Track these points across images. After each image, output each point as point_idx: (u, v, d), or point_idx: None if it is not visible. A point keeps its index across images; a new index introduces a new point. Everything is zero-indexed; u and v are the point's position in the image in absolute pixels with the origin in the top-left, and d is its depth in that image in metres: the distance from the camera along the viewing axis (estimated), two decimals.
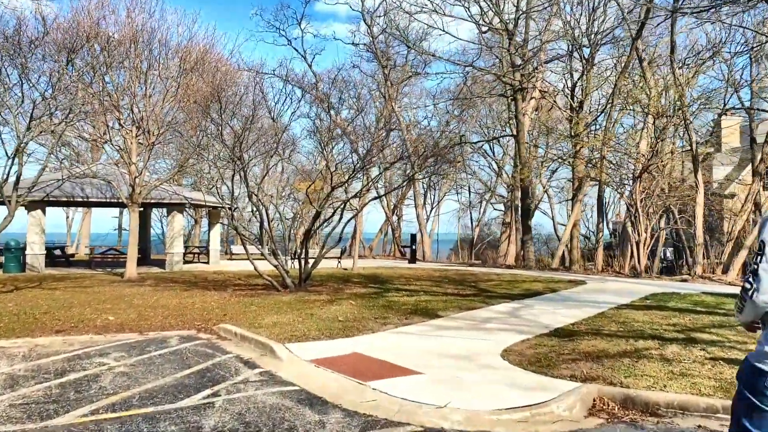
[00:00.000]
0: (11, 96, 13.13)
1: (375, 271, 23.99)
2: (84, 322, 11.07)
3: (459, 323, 10.77)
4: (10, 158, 13.31)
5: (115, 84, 18.34)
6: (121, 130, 19.92)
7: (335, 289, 16.66)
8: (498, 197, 48.35)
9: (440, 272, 23.91)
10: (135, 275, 20.13)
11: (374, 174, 25.92)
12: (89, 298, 14.36)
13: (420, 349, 8.47)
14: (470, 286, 18.00)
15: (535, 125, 36.02)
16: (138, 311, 12.44)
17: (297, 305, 13.23)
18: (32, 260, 22.26)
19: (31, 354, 8.52)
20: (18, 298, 14.26)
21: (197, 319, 11.53)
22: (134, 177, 19.71)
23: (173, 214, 24.99)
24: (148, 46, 18.41)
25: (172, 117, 19.51)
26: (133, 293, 15.60)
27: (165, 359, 8.24)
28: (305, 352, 8.34)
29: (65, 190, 22.83)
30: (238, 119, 15.71)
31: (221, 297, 14.97)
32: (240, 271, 23.82)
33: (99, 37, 16.23)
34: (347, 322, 10.74)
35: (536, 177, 38.54)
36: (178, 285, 17.97)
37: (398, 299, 14.16)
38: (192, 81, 18.80)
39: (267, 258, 16.51)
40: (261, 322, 10.93)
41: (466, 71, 28.90)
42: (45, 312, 12.02)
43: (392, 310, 12.37)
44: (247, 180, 15.76)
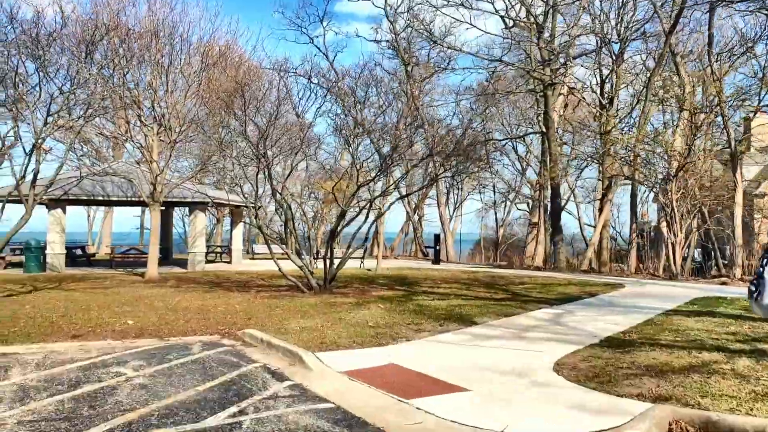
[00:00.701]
0: (28, 90, 12.65)
1: (400, 273, 23.32)
2: (102, 326, 10.53)
3: (499, 331, 10.05)
4: (28, 155, 12.83)
5: (135, 79, 17.88)
6: (142, 127, 19.46)
7: (361, 291, 16.02)
8: (522, 197, 47.43)
9: (468, 274, 23.17)
10: (156, 275, 19.67)
11: (397, 173, 25.37)
12: (108, 300, 13.87)
13: (462, 361, 7.77)
14: (502, 289, 17.25)
15: (561, 123, 35.12)
16: (158, 314, 11.89)
17: (323, 308, 12.60)
18: (52, 260, 21.92)
19: (45, 362, 7.97)
20: (36, 299, 13.81)
21: (221, 323, 10.94)
22: (156, 175, 19.25)
23: (195, 213, 24.54)
24: (169, 40, 17.92)
25: (194, 114, 19.00)
26: (154, 295, 15.10)
27: (187, 369, 7.64)
28: (337, 362, 7.69)
29: (86, 189, 22.47)
30: (262, 115, 15.13)
31: (245, 299, 14.40)
32: (263, 271, 23.29)
33: (119, 29, 15.75)
34: (378, 329, 10.07)
35: (562, 176, 37.62)
36: (200, 286, 17.45)
37: (429, 303, 13.47)
38: (214, 76, 18.28)
39: (291, 258, 15.92)
40: (287, 326, 10.32)
41: (493, 66, 28.09)
42: (62, 315, 11.51)
43: (424, 315, 11.69)
44: (271, 178, 15.16)
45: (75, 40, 14.49)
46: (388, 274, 22.55)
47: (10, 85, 12.15)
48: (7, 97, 12.14)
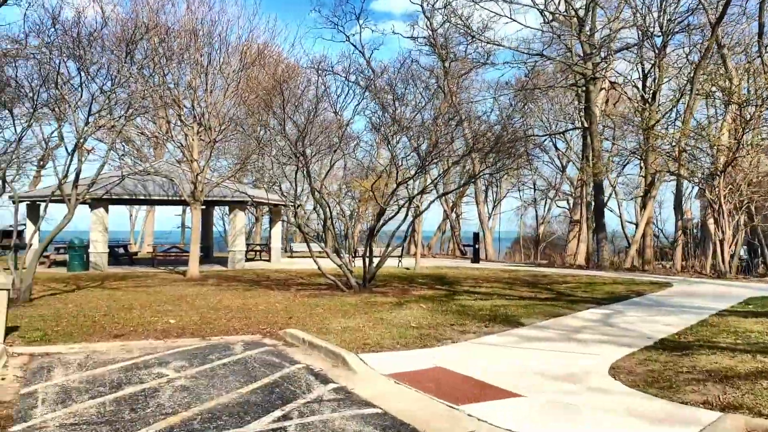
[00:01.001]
0: (70, 90, 12.73)
1: (439, 271, 23.01)
2: (144, 325, 10.50)
3: (547, 333, 9.69)
4: (70, 155, 12.93)
5: (175, 79, 17.95)
6: (183, 126, 19.55)
7: (401, 291, 15.78)
8: (561, 194, 46.57)
9: (509, 273, 22.73)
10: (197, 274, 19.75)
11: (434, 172, 25.02)
12: (150, 299, 13.90)
13: (511, 365, 7.47)
14: (546, 288, 16.82)
15: (602, 118, 34.26)
16: (200, 313, 11.84)
17: (364, 308, 12.39)
18: (95, 259, 22.20)
19: (88, 362, 7.92)
20: (79, 298, 13.92)
21: (262, 323, 10.82)
22: (196, 174, 19.31)
23: (235, 212, 24.62)
24: (208, 39, 17.94)
25: (233, 113, 19.00)
26: (195, 293, 15.10)
27: (229, 370, 7.50)
28: (381, 364, 7.46)
29: (127, 188, 22.71)
30: (301, 113, 15.00)
31: (285, 297, 14.30)
32: (302, 269, 23.24)
33: (158, 28, 15.79)
34: (422, 329, 9.81)
35: (604, 172, 36.72)
36: (240, 284, 17.44)
37: (472, 303, 13.15)
38: (253, 74, 18.23)
39: (330, 256, 15.77)
40: (329, 326, 10.13)
41: (534, 61, 27.55)
42: (104, 314, 11.54)
43: (468, 315, 11.38)
44: (310, 176, 15.02)
45: (115, 39, 14.58)
46: (427, 273, 22.26)
47: (53, 85, 12.23)
48: (49, 97, 12.24)
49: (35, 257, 13.16)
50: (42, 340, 9.11)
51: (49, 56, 12.18)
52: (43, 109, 14.38)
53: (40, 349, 8.61)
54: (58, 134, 13.65)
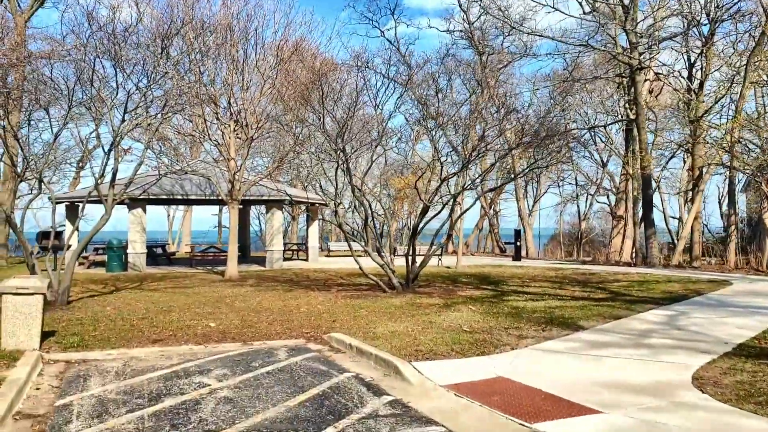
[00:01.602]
0: (105, 88, 12.43)
1: (481, 270, 22.30)
2: (183, 329, 10.10)
3: (612, 337, 8.98)
4: (106, 154, 12.62)
5: (211, 76, 17.60)
6: (219, 124, 19.23)
7: (446, 291, 15.17)
8: (602, 189, 45.27)
9: (554, 271, 21.91)
10: (236, 274, 19.42)
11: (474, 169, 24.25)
12: (189, 301, 13.56)
13: (580, 375, 6.81)
14: (598, 288, 16.01)
15: (645, 110, 32.98)
16: (240, 316, 11.42)
17: (410, 310, 11.82)
18: (134, 259, 22.07)
19: (126, 370, 7.51)
20: (117, 300, 13.64)
21: (305, 326, 10.34)
22: (233, 173, 18.97)
23: (272, 210, 24.29)
24: (244, 35, 17.57)
25: (270, 110, 18.59)
26: (235, 294, 14.73)
27: (274, 379, 7.00)
28: (438, 373, 6.88)
29: (165, 188, 22.54)
30: (340, 108, 14.50)
31: (326, 298, 13.81)
32: (340, 268, 22.79)
33: (193, 22, 15.45)
34: (476, 334, 9.19)
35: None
36: (280, 284, 17.03)
37: (524, 304, 12.46)
38: (291, 68, 17.80)
39: (371, 256, 15.24)
40: (375, 330, 9.59)
41: (577, 51, 26.59)
42: (142, 317, 11.19)
43: (522, 318, 10.72)
44: (350, 173, 14.50)
45: (150, 35, 14.27)
46: (469, 272, 21.59)
47: (88, 83, 11.94)
48: (84, 95, 11.97)
49: (73, 258, 12.90)
50: (79, 346, 8.75)
51: (84, 53, 11.89)
52: (79, 109, 14.11)
53: (76, 355, 8.25)
54: (95, 134, 13.43)
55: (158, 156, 19.43)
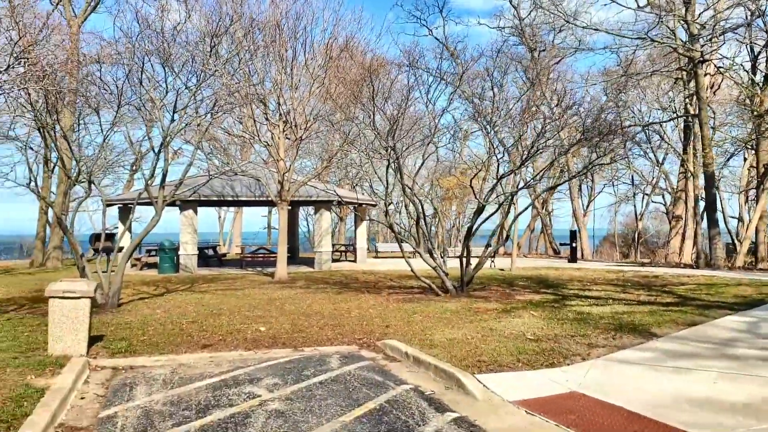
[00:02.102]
0: (155, 88, 12.25)
1: (537, 273, 21.50)
2: (233, 333, 9.77)
3: (690, 347, 8.24)
4: (156, 154, 12.45)
5: (260, 76, 17.36)
6: (268, 125, 19.01)
7: (503, 295, 14.52)
8: (658, 188, 43.59)
9: (614, 273, 20.95)
10: (285, 276, 19.17)
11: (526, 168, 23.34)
12: (239, 303, 13.28)
13: (664, 390, 6.15)
14: (664, 291, 15.10)
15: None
16: (291, 320, 11.05)
17: (467, 315, 11.25)
18: (185, 260, 22.08)
19: (173, 378, 7.18)
20: (167, 302, 13.47)
21: (357, 331, 9.88)
22: (283, 173, 18.72)
23: (321, 211, 24.00)
24: (293, 33, 17.28)
25: (319, 109, 18.24)
26: (285, 297, 14.41)
27: (327, 390, 6.56)
28: (505, 387, 6.32)
29: (215, 189, 22.49)
30: (390, 105, 14.04)
31: (377, 302, 13.35)
32: (390, 270, 22.32)
33: (242, 19, 15.21)
34: (541, 342, 8.57)
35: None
36: (329, 287, 16.67)
37: (588, 310, 11.73)
38: (341, 64, 17.43)
39: (423, 257, 14.71)
40: (432, 337, 9.06)
41: (635, 45, 25.48)
42: (192, 321, 10.93)
43: (589, 324, 10.03)
44: (401, 171, 14.01)
45: (199, 33, 14.10)
46: (525, 274, 20.83)
47: (137, 82, 11.80)
48: (133, 93, 11.83)
49: (123, 261, 12.78)
50: (127, 351, 8.50)
51: (133, 53, 11.74)
52: (131, 112, 14.00)
53: (124, 361, 7.98)
54: (146, 136, 13.31)
55: (208, 157, 19.31)
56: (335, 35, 18.03)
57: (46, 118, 11.44)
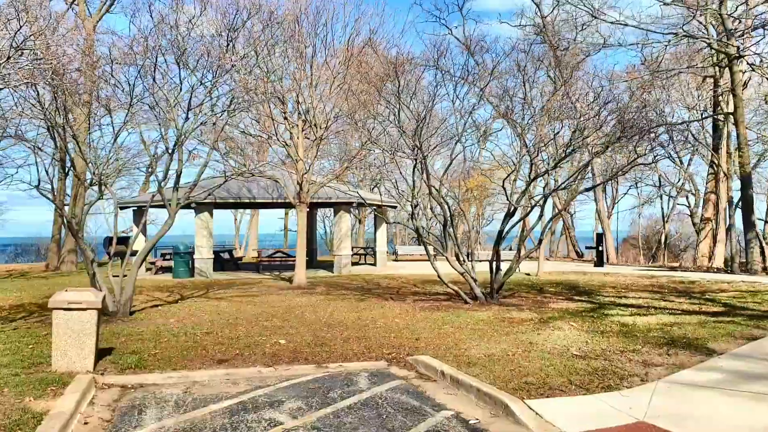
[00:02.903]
0: (168, 84, 11.62)
1: (566, 278, 20.62)
2: (250, 347, 9.07)
3: (759, 365, 7.39)
4: (170, 155, 11.80)
5: (278, 72, 16.67)
6: (287, 124, 18.34)
7: (535, 302, 13.71)
8: (683, 191, 42.38)
9: (646, 278, 20.02)
10: (304, 281, 18.48)
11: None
12: (257, 311, 12.60)
13: (747, 421, 5.33)
14: (706, 299, 14.19)
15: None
16: (312, 330, 10.33)
17: (501, 326, 10.46)
18: (200, 265, 21.47)
19: (186, 399, 6.49)
20: (182, 310, 12.82)
21: (384, 345, 9.14)
22: (302, 174, 18.05)
23: (340, 214, 23.31)
24: (313, 28, 16.59)
25: (340, 107, 17.54)
26: (304, 304, 13.71)
27: (357, 417, 5.83)
28: (561, 416, 5.54)
29: (232, 191, 21.89)
30: (416, 101, 13.31)
31: (403, 310, 12.61)
32: (411, 275, 21.56)
33: (260, 12, 14.54)
34: (590, 360, 7.77)
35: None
36: (350, 293, 15.95)
37: (632, 321, 10.88)
38: (363, 59, 16.71)
39: (450, 262, 13.94)
40: (468, 353, 8.30)
41: (666, 40, 24.51)
42: (207, 332, 10.25)
43: (636, 338, 9.20)
44: (428, 171, 13.25)
45: (215, 27, 13.46)
46: (553, 279, 19.96)
47: (149, 78, 11.15)
48: (146, 91, 11.17)
49: (135, 266, 12.15)
50: (137, 367, 7.83)
51: (146, 47, 11.09)
52: (143, 111, 13.35)
53: (133, 379, 7.31)
54: (160, 136, 12.68)
55: (224, 157, 18.67)
56: (357, 30, 17.33)
57: (55, 117, 10.84)
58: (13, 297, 15.86)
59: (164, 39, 11.30)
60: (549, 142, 12.77)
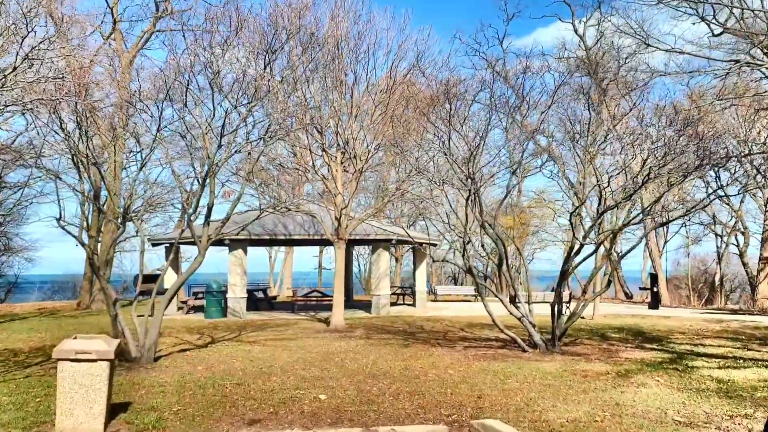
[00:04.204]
0: (202, 108, 10.72)
1: (623, 321, 18.97)
2: (286, 403, 7.84)
3: None
4: (201, 185, 10.82)
5: (316, 100, 15.74)
6: (325, 156, 17.37)
7: (602, 351, 12.23)
8: (734, 230, 40.15)
9: (715, 323, 18.28)
10: (342, 323, 17.23)
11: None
12: (292, 359, 11.38)
13: None
14: None
15: None
16: (355, 383, 9.07)
17: (574, 381, 9.06)
18: (233, 304, 20.39)
19: None
20: (211, 356, 11.67)
21: (442, 403, 7.82)
22: (340, 209, 16.97)
23: (379, 251, 22.10)
24: (354, 54, 15.69)
25: (381, 138, 16.48)
26: (344, 350, 12.45)
27: None
28: None
29: (267, 227, 20.92)
30: (468, 128, 12.21)
31: (454, 358, 11.26)
32: (455, 317, 20.15)
33: (300, 33, 13.67)
34: (699, 429, 6.35)
35: None
36: (392, 337, 14.65)
37: (725, 375, 9.37)
38: (411, 80, 15.72)
39: (506, 306, 12.58)
40: (546, 416, 6.95)
41: (728, 67, 23.10)
42: (238, 383, 9.05)
43: (742, 398, 7.73)
44: (481, 205, 12.04)
45: (252, 48, 12.62)
46: (610, 323, 18.36)
47: (179, 102, 10.26)
48: (175, 114, 10.28)
49: (161, 308, 11.11)
50: (155, 428, 6.66)
51: (177, 69, 10.25)
52: (176, 144, 12.48)
53: None
54: (191, 165, 11.78)
55: (259, 190, 17.69)
56: (400, 56, 16.36)
57: (77, 144, 9.98)
58: (36, 338, 14.96)
59: (197, 61, 10.42)
60: (620, 173, 11.48)
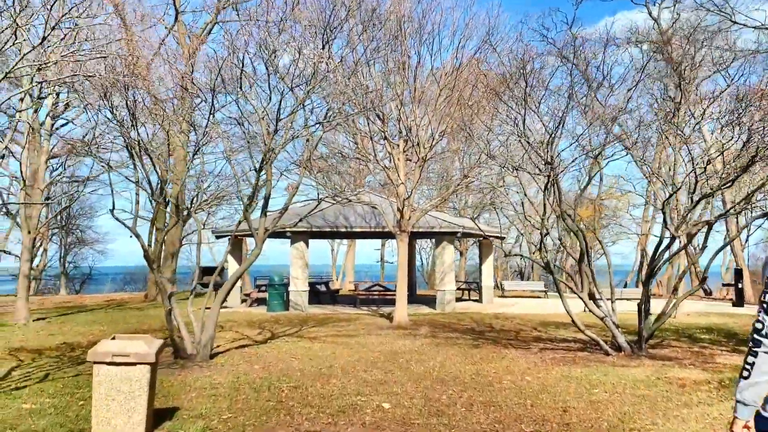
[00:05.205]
0: (257, 92, 10.08)
1: (710, 321, 17.45)
2: (346, 411, 7.07)
3: None
4: (257, 173, 10.18)
5: (376, 84, 14.91)
6: (387, 144, 16.57)
7: (693, 355, 10.99)
8: None
9: None
10: (406, 319, 16.44)
11: None
12: (353, 357, 10.64)
13: None
14: None
15: None
16: (422, 389, 8.23)
17: (669, 391, 7.94)
18: (295, 297, 19.92)
19: None
20: (269, 353, 11.05)
21: (521, 417, 6.89)
22: (403, 199, 16.14)
23: (443, 245, 21.16)
24: (417, 34, 14.78)
25: (447, 123, 15.56)
26: (408, 350, 11.63)
27: None
28: None
29: (328, 219, 20.34)
30: (546, 106, 11.13)
31: (530, 362, 10.26)
32: (525, 314, 19.04)
33: (360, 10, 12.89)
34: None
35: None
36: (460, 336, 13.73)
37: None
38: (481, 57, 14.74)
39: (587, 305, 11.49)
40: None
41: None
42: (295, 386, 8.35)
43: None
44: (560, 194, 10.96)
45: (309, 23, 11.91)
46: (695, 322, 16.89)
47: (237, 86, 9.64)
48: (228, 98, 9.68)
49: (218, 300, 10.57)
50: None
51: (232, 49, 9.62)
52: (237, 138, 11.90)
53: None
54: (249, 154, 11.19)
55: (318, 180, 17.05)
56: (467, 36, 15.36)
57: (129, 131, 9.49)
58: (98, 331, 14.77)
59: (251, 40, 9.77)
60: (719, 155, 10.19)
